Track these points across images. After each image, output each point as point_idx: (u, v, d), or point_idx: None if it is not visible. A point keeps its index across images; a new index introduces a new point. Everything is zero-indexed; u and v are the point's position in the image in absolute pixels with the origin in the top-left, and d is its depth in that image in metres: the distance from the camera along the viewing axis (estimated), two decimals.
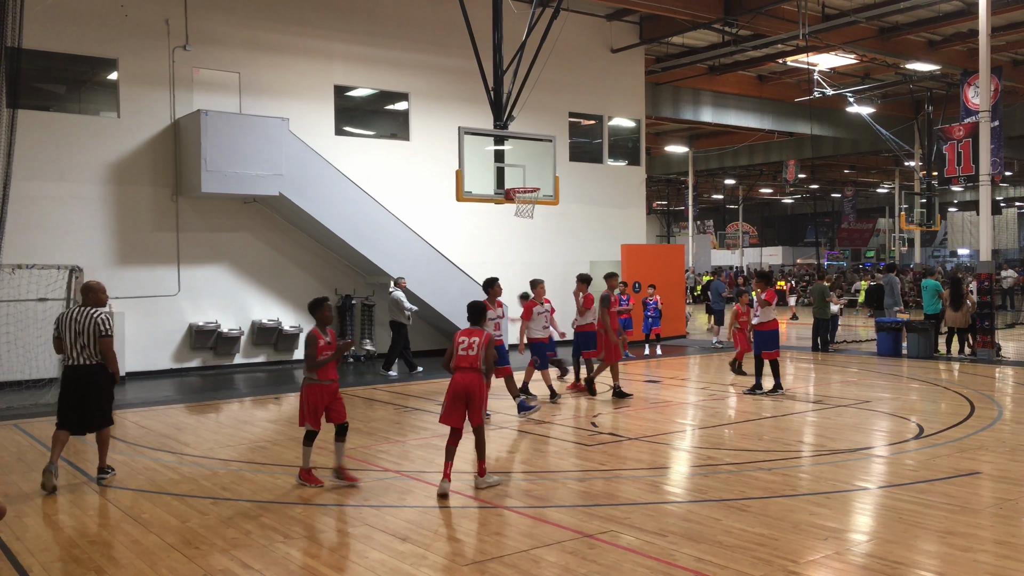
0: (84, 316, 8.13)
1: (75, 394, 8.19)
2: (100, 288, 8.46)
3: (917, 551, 6.04)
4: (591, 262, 22.84)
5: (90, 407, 8.22)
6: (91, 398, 8.20)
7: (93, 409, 8.24)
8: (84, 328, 8.08)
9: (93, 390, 8.20)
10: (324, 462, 8.63)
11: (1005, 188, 59.12)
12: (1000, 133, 21.41)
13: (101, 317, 8.16)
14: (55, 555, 6.20)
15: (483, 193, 13.59)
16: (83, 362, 8.13)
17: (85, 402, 8.19)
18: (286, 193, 16.53)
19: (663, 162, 45.41)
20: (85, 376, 8.16)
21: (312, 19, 18.51)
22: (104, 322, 8.15)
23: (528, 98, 14.71)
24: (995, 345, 17.57)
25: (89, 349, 8.10)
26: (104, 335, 8.13)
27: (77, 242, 15.85)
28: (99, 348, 8.13)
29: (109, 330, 8.17)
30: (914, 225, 34.13)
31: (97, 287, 8.45)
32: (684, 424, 11.08)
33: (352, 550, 6.19)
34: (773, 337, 13.21)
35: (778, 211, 77.37)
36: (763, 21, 21.63)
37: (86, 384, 8.17)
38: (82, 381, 8.16)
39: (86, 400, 8.19)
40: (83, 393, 8.18)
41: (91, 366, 8.15)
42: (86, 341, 8.09)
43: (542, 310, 12.89)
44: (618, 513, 6.97)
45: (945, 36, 25.09)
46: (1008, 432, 10.18)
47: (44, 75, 16.51)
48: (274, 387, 15.00)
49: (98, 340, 8.11)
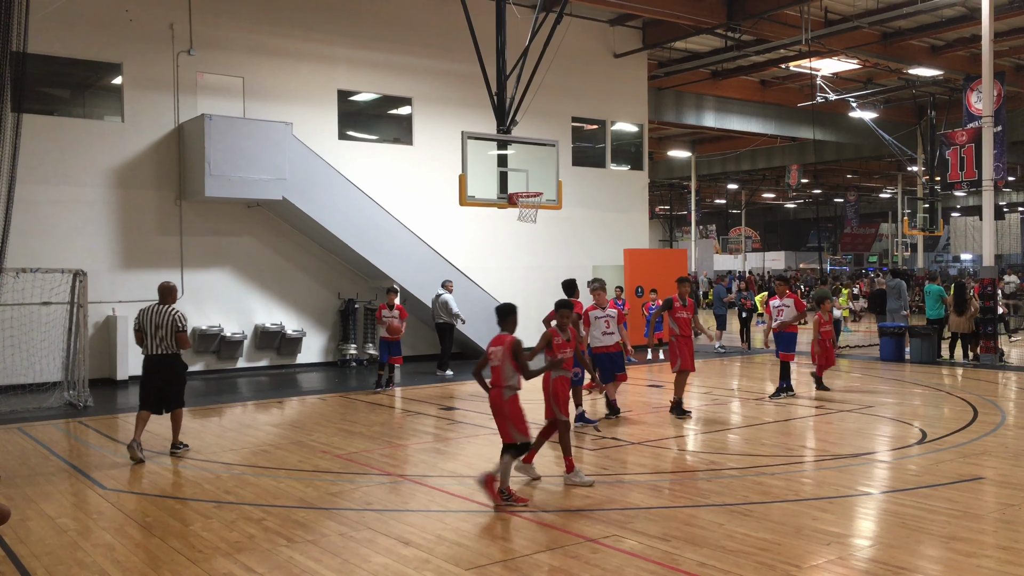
0: (162, 313, 9.41)
1: (154, 379, 9.50)
2: (174, 288, 9.80)
3: (920, 556, 6.03)
4: (594, 266, 22.83)
5: (167, 391, 9.53)
6: (168, 383, 9.52)
7: (169, 392, 9.55)
8: (163, 323, 9.37)
9: (169, 376, 9.52)
10: (325, 465, 8.61)
11: (1008, 193, 59.04)
12: (1003, 138, 21.41)
13: (178, 314, 9.46)
14: (58, 558, 6.21)
15: (486, 198, 13.60)
16: (160, 352, 9.43)
17: (163, 386, 9.50)
18: (289, 197, 16.56)
19: (666, 167, 45.43)
20: (162, 364, 9.47)
21: (316, 24, 18.56)
22: (180, 319, 9.46)
23: (531, 103, 14.73)
24: (999, 350, 17.55)
25: (167, 341, 9.40)
26: (180, 330, 9.44)
27: (81, 246, 15.88)
28: (175, 340, 9.39)
29: (184, 325, 9.48)
30: (917, 230, 34.06)
31: (171, 288, 9.73)
32: (687, 428, 11.07)
33: (355, 554, 6.20)
34: (793, 340, 13.36)
35: (781, 216, 77.31)
36: (766, 26, 21.65)
37: (163, 371, 9.48)
38: (159, 368, 9.48)
39: (164, 385, 9.50)
40: (161, 378, 9.48)
41: (167, 355, 9.46)
42: (164, 334, 9.37)
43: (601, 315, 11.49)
44: (621, 517, 6.97)
45: (948, 41, 25.10)
46: (1011, 437, 10.16)
47: (48, 79, 16.56)
48: (277, 391, 15.01)
49: (175, 334, 9.40)
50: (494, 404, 7.52)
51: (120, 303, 16.19)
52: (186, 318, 9.69)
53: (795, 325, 13.39)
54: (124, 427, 11.72)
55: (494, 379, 7.46)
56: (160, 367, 9.49)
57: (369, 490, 8.10)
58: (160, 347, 9.42)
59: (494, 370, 7.45)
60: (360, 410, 12.80)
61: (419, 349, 19.49)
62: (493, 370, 7.48)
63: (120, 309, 16.13)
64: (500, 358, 7.40)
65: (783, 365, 13.28)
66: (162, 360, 9.47)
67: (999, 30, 21.61)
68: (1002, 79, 21.69)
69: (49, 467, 9.19)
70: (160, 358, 9.46)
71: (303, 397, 14.46)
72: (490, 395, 7.56)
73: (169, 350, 9.46)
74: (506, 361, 7.35)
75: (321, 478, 8.52)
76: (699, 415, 12.13)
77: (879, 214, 68.10)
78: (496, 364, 7.43)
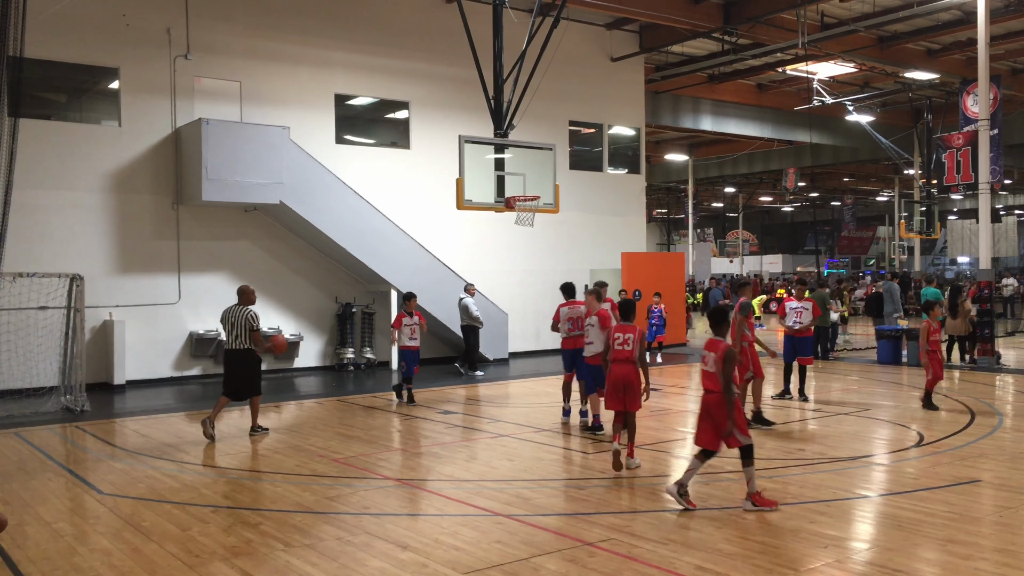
0: (238, 312, 10.72)
1: (231, 370, 10.85)
2: (251, 291, 11.05)
3: (917, 559, 6.03)
4: (591, 270, 22.85)
5: (243, 381, 10.82)
6: (242, 374, 10.80)
7: (245, 382, 10.85)
8: (238, 321, 10.67)
9: (243, 368, 10.81)
10: (325, 467, 8.58)
11: (1004, 196, 59.19)
12: (999, 141, 21.42)
13: (251, 314, 10.74)
14: (55, 563, 6.20)
15: (483, 201, 13.61)
16: (236, 347, 10.74)
17: (239, 377, 10.78)
18: (287, 201, 16.56)
19: (663, 170, 45.48)
20: (236, 357, 10.79)
21: (313, 28, 18.57)
22: (253, 318, 10.73)
23: (528, 107, 14.75)
24: (995, 353, 17.57)
25: (241, 338, 10.69)
26: (253, 328, 10.70)
27: (78, 250, 15.87)
28: (249, 337, 10.66)
29: (256, 324, 10.75)
30: (914, 233, 34.19)
31: (249, 290, 11.02)
32: (685, 432, 11.07)
33: (353, 558, 6.19)
34: (811, 344, 13.31)
35: (778, 219, 77.40)
36: (762, 30, 21.70)
37: (237, 363, 10.80)
38: (234, 361, 10.81)
39: (239, 375, 10.78)
40: (236, 370, 10.80)
41: (241, 350, 10.75)
42: (239, 331, 10.68)
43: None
44: (619, 521, 6.96)
45: (944, 45, 25.17)
46: (1008, 440, 10.18)
47: (46, 84, 16.55)
48: (274, 395, 14.99)
49: (249, 332, 10.67)
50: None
51: (117, 307, 16.18)
52: (258, 317, 10.88)
53: (811, 328, 13.24)
54: (121, 432, 11.72)
55: (710, 384, 7.33)
56: (234, 360, 10.82)
57: (366, 494, 8.09)
58: (236, 342, 10.74)
59: (709, 375, 7.34)
60: (357, 414, 12.79)
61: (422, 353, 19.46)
62: (703, 374, 7.43)
63: (117, 313, 16.11)
64: (713, 363, 7.27)
65: (801, 369, 13.12)
66: (236, 353, 10.79)
67: (995, 33, 21.66)
68: (998, 82, 21.71)
69: (46, 472, 9.17)
70: (235, 351, 10.79)
71: (300, 401, 14.44)
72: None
73: (243, 345, 10.74)
74: (719, 367, 7.22)
75: (318, 482, 8.51)
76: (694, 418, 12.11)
77: (876, 217, 68.20)
78: (711, 370, 7.31)
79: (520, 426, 11.45)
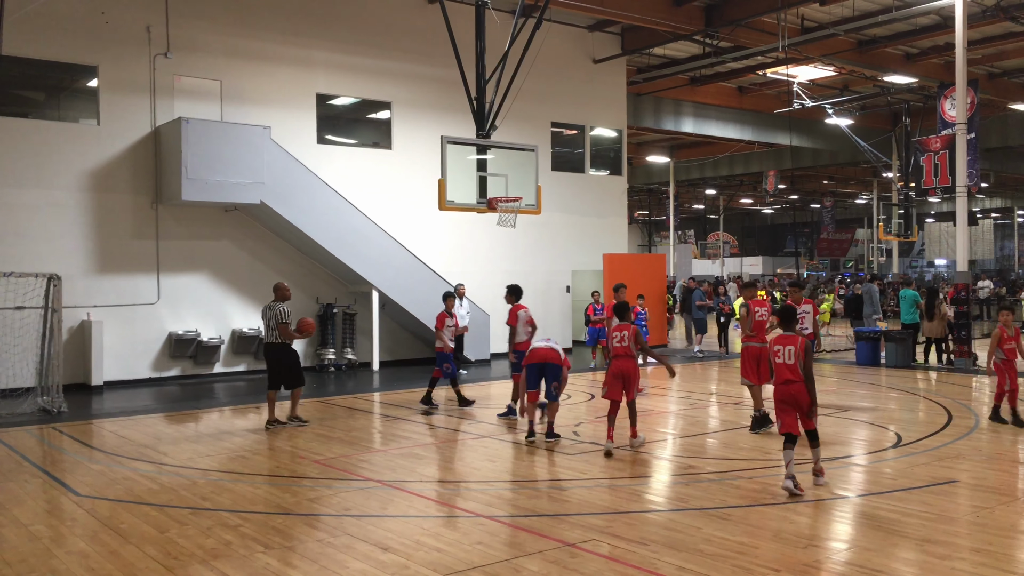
0: (273, 308, 11.36)
1: (271, 364, 11.50)
2: (285, 287, 11.66)
3: (895, 559, 6.09)
4: (573, 271, 22.91)
5: (285, 372, 11.44)
6: (280, 366, 11.43)
7: (287, 373, 11.45)
8: (271, 316, 11.33)
9: (280, 360, 11.43)
10: (315, 472, 8.54)
11: (981, 199, 59.84)
12: (976, 145, 21.67)
13: (281, 309, 11.32)
14: (32, 566, 6.13)
15: (466, 202, 13.60)
16: (271, 340, 11.42)
17: (280, 370, 11.44)
18: (267, 201, 16.47)
19: (645, 172, 45.63)
20: (274, 351, 11.45)
21: (294, 27, 18.49)
22: (282, 313, 11.30)
23: (511, 108, 14.75)
24: (972, 354, 17.76)
25: (275, 332, 11.32)
26: (282, 322, 11.25)
27: (56, 250, 15.71)
28: (279, 331, 11.23)
29: (285, 318, 11.28)
30: (892, 235, 34.46)
31: (283, 287, 11.64)
32: (665, 433, 11.11)
33: (333, 560, 6.17)
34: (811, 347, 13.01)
35: (758, 221, 77.89)
36: (743, 33, 21.82)
37: (273, 356, 11.46)
38: (270, 354, 11.50)
39: (277, 368, 11.44)
40: (276, 363, 11.44)
41: (278, 344, 11.40)
42: (272, 325, 11.33)
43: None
44: (600, 522, 6.98)
45: (922, 49, 25.41)
46: (985, 441, 10.28)
47: (23, 82, 16.38)
48: (254, 396, 14.90)
49: (278, 325, 11.22)
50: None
51: (95, 307, 16.03)
52: (289, 313, 11.39)
53: (812, 332, 12.85)
54: (99, 433, 11.61)
55: (788, 375, 7.96)
56: (270, 353, 11.50)
57: (347, 496, 8.06)
58: (271, 336, 11.41)
59: (784, 367, 7.99)
60: (338, 415, 12.74)
61: (398, 354, 19.45)
62: (782, 367, 8.02)
63: (95, 314, 15.97)
64: (793, 356, 7.97)
65: None
66: (274, 347, 11.45)
67: (972, 38, 21.90)
68: (976, 87, 21.96)
69: (22, 473, 9.08)
70: (272, 345, 11.45)
71: (281, 402, 14.36)
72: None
73: (277, 339, 11.36)
74: (799, 360, 7.94)
75: (299, 484, 8.48)
76: (677, 420, 12.19)
77: (855, 219, 68.78)
78: (789, 362, 7.98)
79: (501, 427, 11.45)
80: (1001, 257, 68.83)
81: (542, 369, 10.26)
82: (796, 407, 7.91)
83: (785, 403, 7.98)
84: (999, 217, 67.42)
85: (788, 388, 7.96)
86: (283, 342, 11.36)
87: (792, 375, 7.95)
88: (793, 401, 7.92)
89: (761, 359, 10.90)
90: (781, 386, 8.05)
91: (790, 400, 7.94)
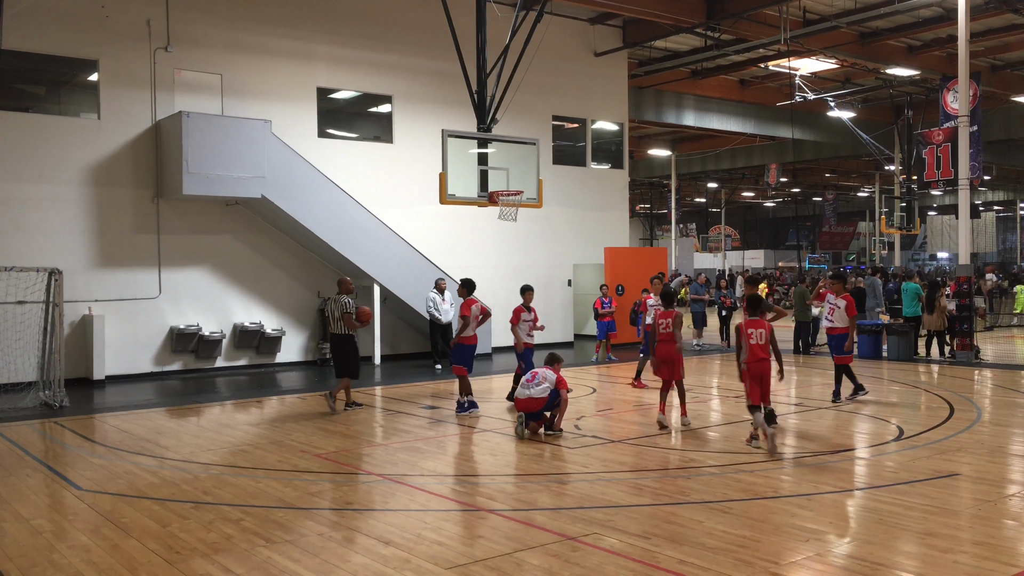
0: (337, 300, 12.29)
1: (335, 352, 12.44)
2: (349, 281, 12.62)
3: (897, 552, 6.08)
4: (574, 265, 22.89)
5: (347, 361, 12.28)
6: (345, 355, 12.30)
7: (349, 362, 12.29)
8: (336, 308, 12.23)
9: (344, 349, 12.31)
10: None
11: (984, 192, 59.74)
12: (979, 138, 21.63)
13: (345, 300, 12.23)
14: (33, 560, 6.14)
15: (467, 196, 13.57)
16: (337, 331, 12.29)
17: (344, 358, 12.28)
18: (268, 196, 16.46)
19: (646, 165, 45.57)
20: (336, 341, 12.37)
21: (295, 21, 18.44)
22: (346, 304, 12.20)
23: (511, 101, 14.71)
24: (974, 347, 17.74)
25: (340, 323, 12.20)
26: (345, 311, 12.15)
27: (57, 244, 15.71)
28: (343, 321, 12.14)
29: (349, 309, 12.16)
30: (894, 229, 34.41)
31: (345, 281, 12.59)
32: (667, 426, 11.10)
33: (334, 554, 6.17)
34: (845, 342, 12.72)
35: (760, 214, 77.81)
36: (745, 26, 21.76)
37: (337, 346, 12.36)
38: (335, 344, 12.41)
39: (343, 357, 12.28)
40: (339, 352, 12.34)
41: (340, 334, 12.31)
42: (337, 316, 12.21)
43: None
44: (601, 516, 6.98)
45: (925, 41, 25.34)
46: (987, 434, 10.27)
47: (23, 76, 16.36)
48: (256, 390, 14.92)
49: (343, 315, 12.13)
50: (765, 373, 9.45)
51: (96, 302, 16.04)
52: (352, 304, 12.24)
53: (846, 326, 12.73)
54: (100, 427, 11.62)
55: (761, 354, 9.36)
56: (335, 343, 12.42)
57: (349, 490, 8.06)
58: (337, 327, 12.26)
59: (757, 347, 9.38)
60: (339, 409, 12.74)
61: (399, 348, 19.45)
62: (755, 347, 9.37)
63: (96, 308, 15.98)
64: (764, 337, 9.42)
65: (840, 368, 12.77)
66: (336, 338, 12.37)
67: (975, 31, 21.83)
68: (978, 79, 21.92)
69: (24, 468, 9.09)
70: (335, 336, 12.37)
71: (282, 396, 14.38)
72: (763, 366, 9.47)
73: (343, 330, 12.20)
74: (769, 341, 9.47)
75: (300, 478, 8.48)
76: (677, 413, 12.18)
77: (857, 213, 68.69)
78: (761, 343, 9.41)
79: (503, 421, 11.45)
80: (1003, 250, 68.80)
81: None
82: (764, 382, 9.34)
83: (755, 378, 9.31)
84: (1001, 210, 67.35)
85: (760, 365, 9.33)
86: (347, 332, 12.23)
87: (763, 354, 9.35)
88: (762, 376, 9.33)
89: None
90: (755, 363, 9.33)
91: (758, 375, 9.32)
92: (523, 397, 10.30)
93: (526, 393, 10.26)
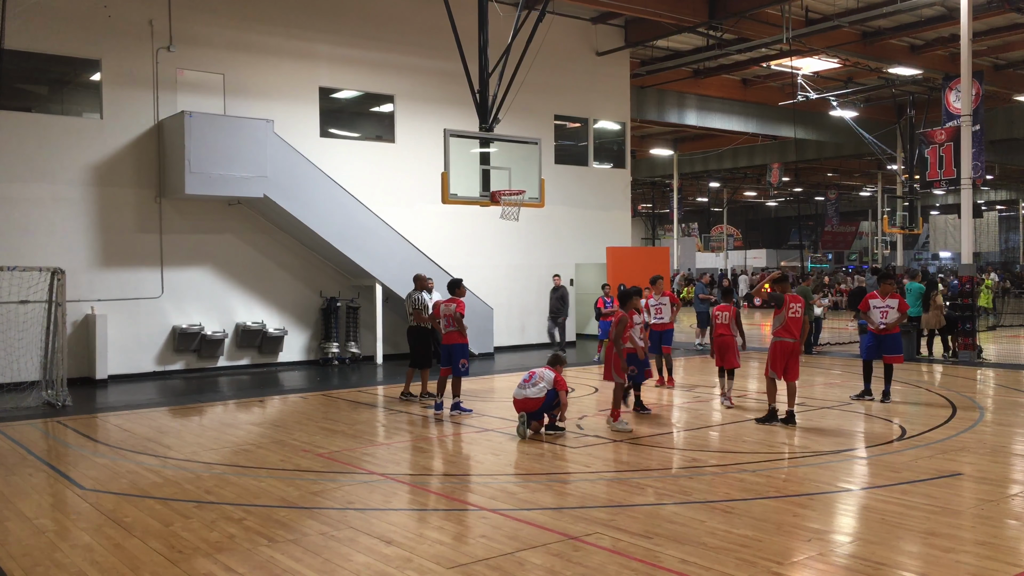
0: (412, 296, 12.95)
1: (410, 344, 12.98)
2: (422, 277, 13.34)
3: (900, 552, 6.07)
4: (576, 264, 22.89)
5: (422, 353, 12.90)
6: (420, 347, 12.89)
7: (424, 354, 12.91)
8: (410, 303, 12.97)
9: (418, 341, 12.88)
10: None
11: (986, 192, 59.65)
12: (981, 137, 21.60)
13: (417, 297, 12.90)
14: (36, 559, 6.15)
15: (469, 195, 13.58)
16: (411, 324, 12.87)
17: (416, 349, 12.89)
18: (271, 195, 16.47)
19: (648, 165, 45.54)
20: (412, 334, 12.89)
21: (297, 21, 18.46)
22: (417, 300, 12.86)
23: (513, 101, 14.72)
24: (976, 347, 17.72)
25: (412, 316, 12.84)
26: (416, 308, 12.76)
27: (59, 244, 15.73)
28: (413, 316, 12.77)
29: (420, 306, 12.77)
30: (896, 228, 34.36)
31: (421, 277, 13.32)
32: (669, 426, 11.10)
33: (337, 553, 6.17)
34: (900, 342, 12.68)
35: (762, 214, 77.73)
36: (747, 25, 21.74)
37: (412, 338, 12.89)
38: (411, 337, 12.93)
39: (416, 348, 12.89)
40: (413, 344, 12.90)
41: (415, 327, 12.88)
42: (411, 311, 12.85)
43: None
44: (603, 515, 6.97)
45: (927, 41, 25.30)
46: (989, 434, 10.26)
47: (26, 76, 16.39)
48: (258, 390, 14.93)
49: (413, 310, 12.79)
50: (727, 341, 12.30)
51: (99, 301, 16.06)
52: (423, 301, 12.83)
53: (898, 327, 12.63)
54: (103, 427, 11.64)
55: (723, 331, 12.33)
56: (410, 335, 12.93)
57: (351, 489, 8.07)
58: (410, 320, 12.87)
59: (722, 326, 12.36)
60: (342, 409, 12.76)
61: (402, 347, 19.43)
62: (721, 326, 12.38)
63: (99, 308, 16.00)
64: (728, 319, 12.37)
65: (887, 368, 12.65)
66: (411, 330, 12.91)
67: (977, 30, 21.80)
68: (980, 78, 21.89)
69: (27, 467, 9.10)
70: (410, 329, 12.92)
71: (285, 396, 14.39)
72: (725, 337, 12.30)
73: (419, 324, 12.82)
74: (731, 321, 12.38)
75: (303, 477, 8.48)
76: (681, 413, 12.18)
77: (859, 212, 68.62)
78: (725, 322, 12.34)
79: (505, 420, 11.45)
80: (1006, 250, 68.69)
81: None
82: (727, 351, 12.22)
83: (720, 349, 12.30)
84: (1004, 209, 67.23)
85: (723, 339, 12.27)
86: (420, 325, 12.81)
87: (725, 332, 12.28)
88: (726, 347, 12.24)
89: (792, 355, 10.81)
90: (718, 337, 12.31)
91: (723, 347, 12.26)
92: (519, 397, 10.30)
93: (522, 393, 10.25)
